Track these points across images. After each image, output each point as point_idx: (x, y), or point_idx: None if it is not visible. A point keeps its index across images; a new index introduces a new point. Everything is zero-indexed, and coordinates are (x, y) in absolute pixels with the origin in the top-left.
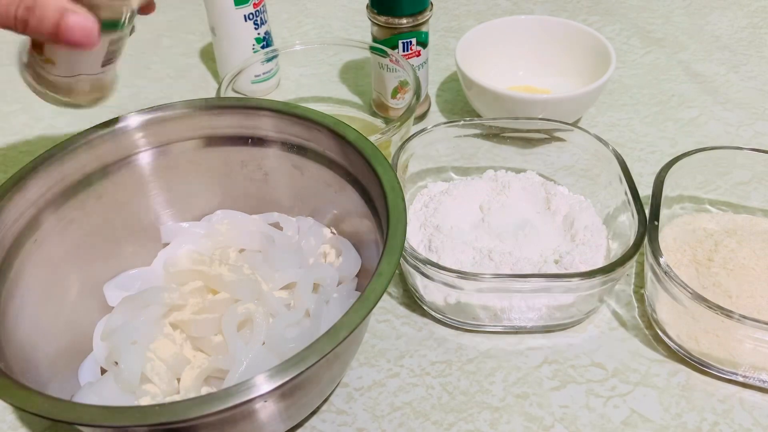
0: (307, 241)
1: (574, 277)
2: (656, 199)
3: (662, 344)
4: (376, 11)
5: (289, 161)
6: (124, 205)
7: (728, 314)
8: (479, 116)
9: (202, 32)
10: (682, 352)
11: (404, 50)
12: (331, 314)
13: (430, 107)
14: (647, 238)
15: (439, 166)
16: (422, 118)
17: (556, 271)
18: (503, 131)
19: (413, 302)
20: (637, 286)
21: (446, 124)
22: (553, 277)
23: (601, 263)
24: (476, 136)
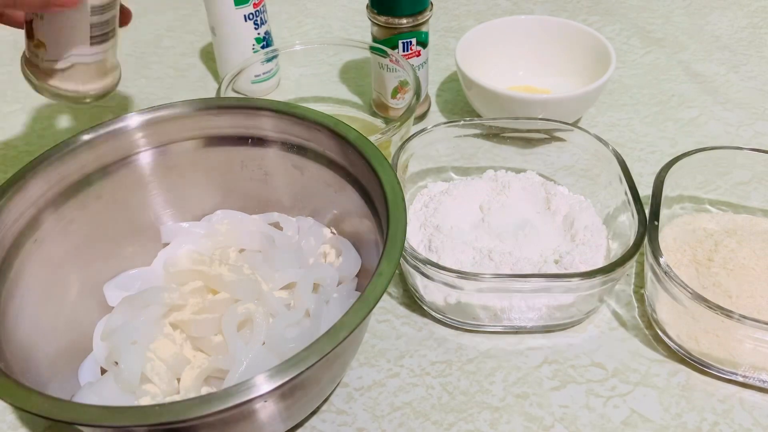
0: (307, 241)
1: (574, 277)
2: (656, 199)
3: (662, 344)
4: (376, 11)
5: (289, 161)
6: (124, 205)
7: (728, 314)
8: (479, 116)
9: (202, 32)
10: (682, 352)
11: (404, 50)
12: (331, 314)
13: (430, 107)
14: (647, 238)
15: (439, 166)
16: (422, 118)
17: (556, 271)
18: (503, 131)
19: (413, 302)
20: (637, 286)
21: (446, 124)
22: (553, 277)
23: (601, 263)
24: (476, 136)
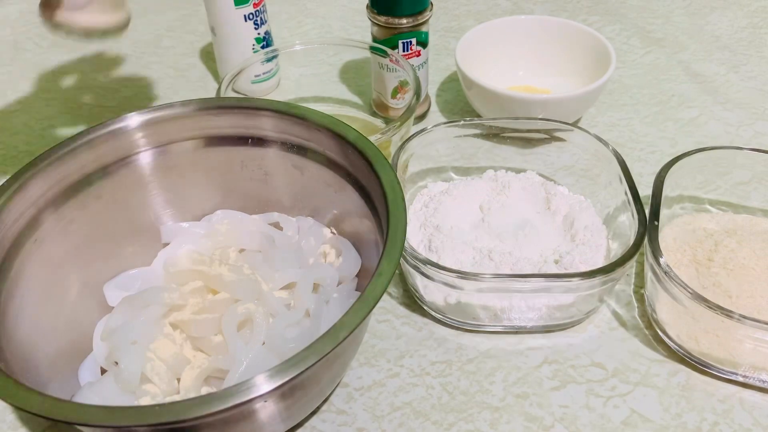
0: (307, 241)
1: (574, 277)
2: (656, 199)
3: (662, 344)
4: (376, 11)
5: (289, 161)
6: (124, 205)
7: (728, 314)
8: (479, 116)
9: (202, 32)
10: (682, 352)
11: (404, 50)
12: (331, 314)
13: (430, 107)
14: (647, 238)
15: (439, 166)
16: (422, 118)
17: (556, 271)
18: (503, 131)
19: (413, 302)
20: (637, 286)
21: (446, 124)
22: (553, 277)
23: (601, 263)
24: (476, 136)
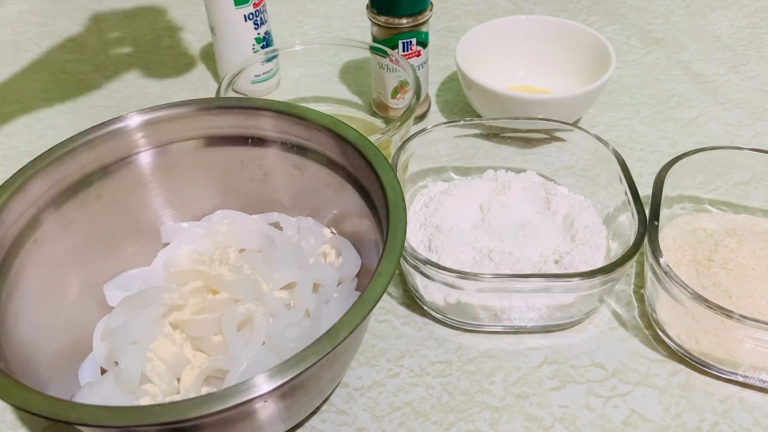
0: (307, 241)
1: (574, 277)
2: (656, 199)
3: (662, 344)
4: (376, 11)
5: (289, 161)
6: (124, 205)
7: (728, 314)
8: (479, 116)
9: (202, 32)
10: (682, 352)
11: (404, 50)
12: (331, 314)
13: (430, 107)
14: (647, 238)
15: (439, 166)
16: (422, 118)
17: (556, 271)
18: (503, 131)
19: (413, 302)
20: (637, 286)
21: (446, 124)
22: (553, 277)
23: (601, 263)
24: (476, 136)
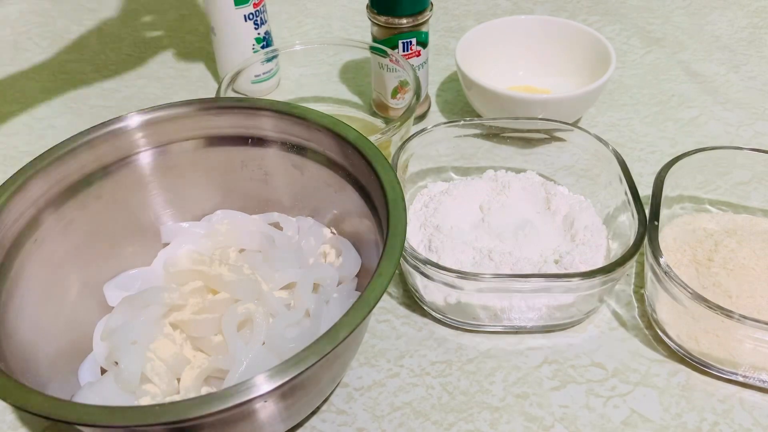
0: (307, 241)
1: (574, 277)
2: (656, 199)
3: (662, 344)
4: (376, 11)
5: (289, 161)
6: (124, 205)
7: (728, 314)
8: (479, 116)
9: (202, 32)
10: (682, 352)
11: (404, 50)
12: (331, 314)
13: (430, 107)
14: (647, 238)
15: (439, 166)
16: (422, 118)
17: (556, 271)
18: (503, 131)
19: (413, 302)
20: (637, 286)
21: (446, 124)
22: (553, 277)
23: (601, 263)
24: (476, 136)
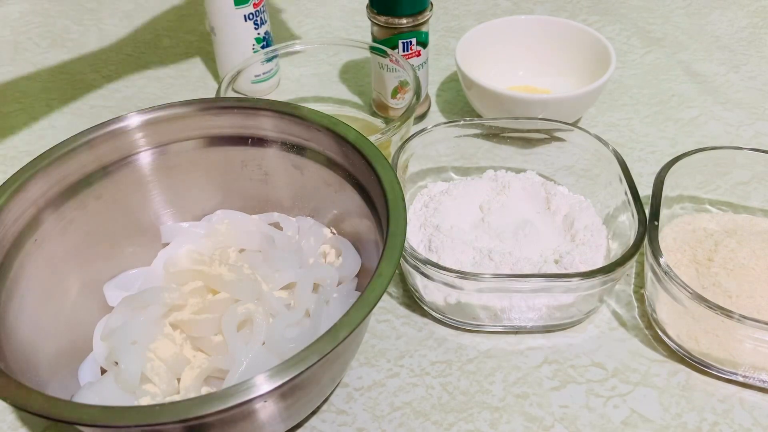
0: (307, 241)
1: (574, 277)
2: (656, 199)
3: (662, 344)
4: (376, 11)
5: (289, 161)
6: (124, 205)
7: (728, 314)
8: (479, 116)
9: (202, 32)
10: (682, 352)
11: (404, 50)
12: (331, 314)
13: (430, 107)
14: (647, 238)
15: (439, 166)
16: (422, 118)
17: (556, 271)
18: (503, 131)
19: (413, 302)
20: (637, 286)
21: (446, 124)
22: (553, 277)
23: (601, 263)
24: (476, 136)
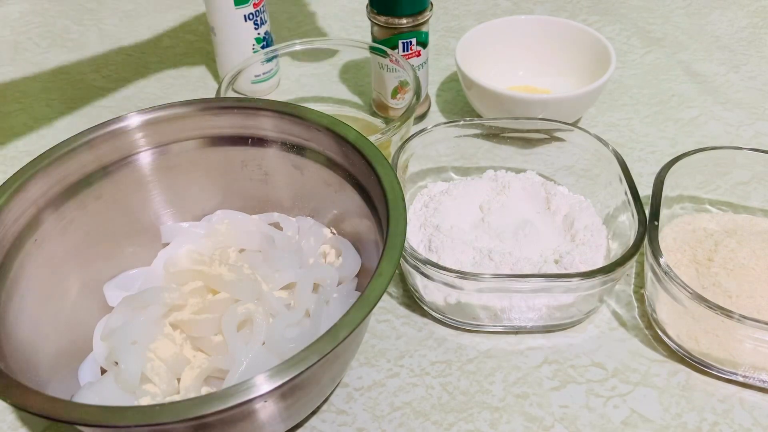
0: (307, 241)
1: (574, 277)
2: (656, 199)
3: (662, 344)
4: (376, 11)
5: (289, 161)
6: (124, 205)
7: (728, 314)
8: (479, 116)
9: (202, 32)
10: (682, 352)
11: (404, 50)
12: (331, 314)
13: (430, 107)
14: (647, 238)
15: (439, 166)
16: (422, 118)
17: (556, 271)
18: (503, 131)
19: (413, 302)
20: (637, 286)
21: (446, 124)
22: (553, 277)
23: (601, 263)
24: (476, 136)
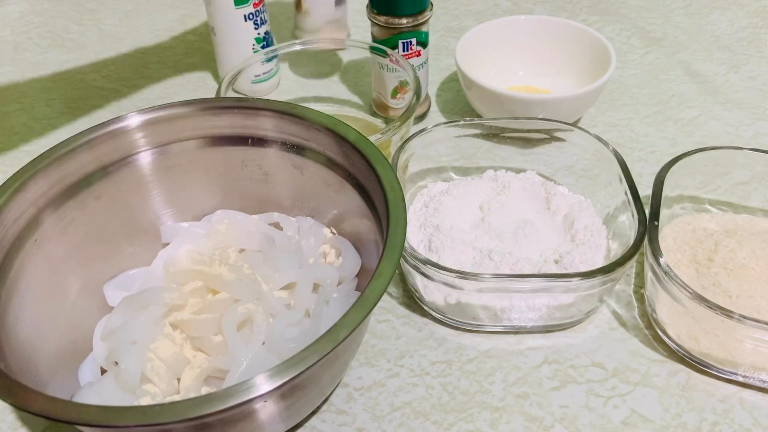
0: (307, 241)
1: (574, 277)
2: (656, 199)
3: (662, 344)
4: (376, 11)
5: (289, 161)
6: (124, 205)
7: (728, 314)
8: (479, 116)
9: (202, 32)
10: (682, 352)
11: (404, 50)
12: (331, 314)
13: (430, 107)
14: (647, 238)
15: (439, 166)
16: (422, 118)
17: (556, 271)
18: (503, 131)
19: (413, 302)
20: (637, 286)
21: (446, 124)
22: (553, 277)
23: (601, 263)
24: (476, 136)
